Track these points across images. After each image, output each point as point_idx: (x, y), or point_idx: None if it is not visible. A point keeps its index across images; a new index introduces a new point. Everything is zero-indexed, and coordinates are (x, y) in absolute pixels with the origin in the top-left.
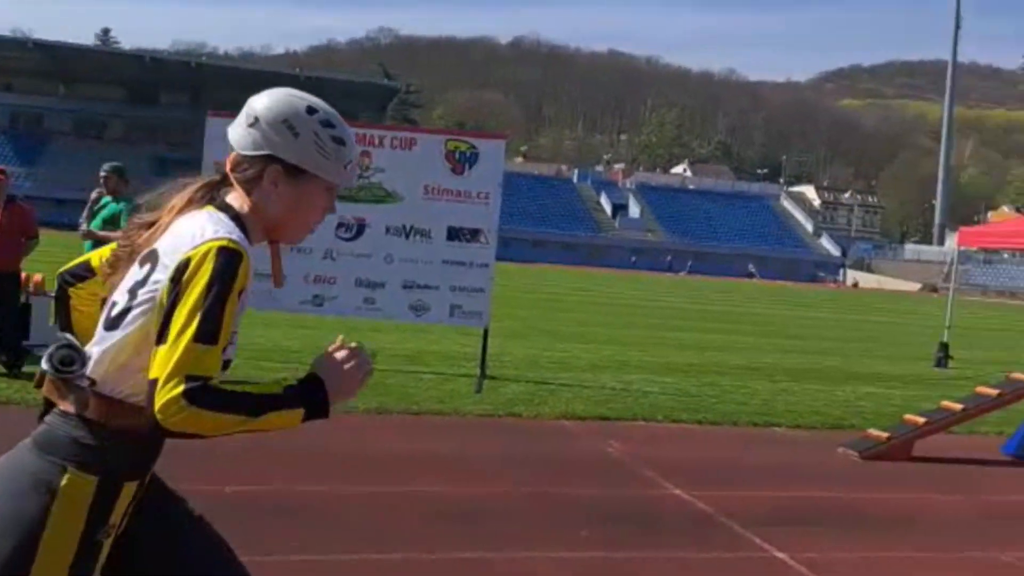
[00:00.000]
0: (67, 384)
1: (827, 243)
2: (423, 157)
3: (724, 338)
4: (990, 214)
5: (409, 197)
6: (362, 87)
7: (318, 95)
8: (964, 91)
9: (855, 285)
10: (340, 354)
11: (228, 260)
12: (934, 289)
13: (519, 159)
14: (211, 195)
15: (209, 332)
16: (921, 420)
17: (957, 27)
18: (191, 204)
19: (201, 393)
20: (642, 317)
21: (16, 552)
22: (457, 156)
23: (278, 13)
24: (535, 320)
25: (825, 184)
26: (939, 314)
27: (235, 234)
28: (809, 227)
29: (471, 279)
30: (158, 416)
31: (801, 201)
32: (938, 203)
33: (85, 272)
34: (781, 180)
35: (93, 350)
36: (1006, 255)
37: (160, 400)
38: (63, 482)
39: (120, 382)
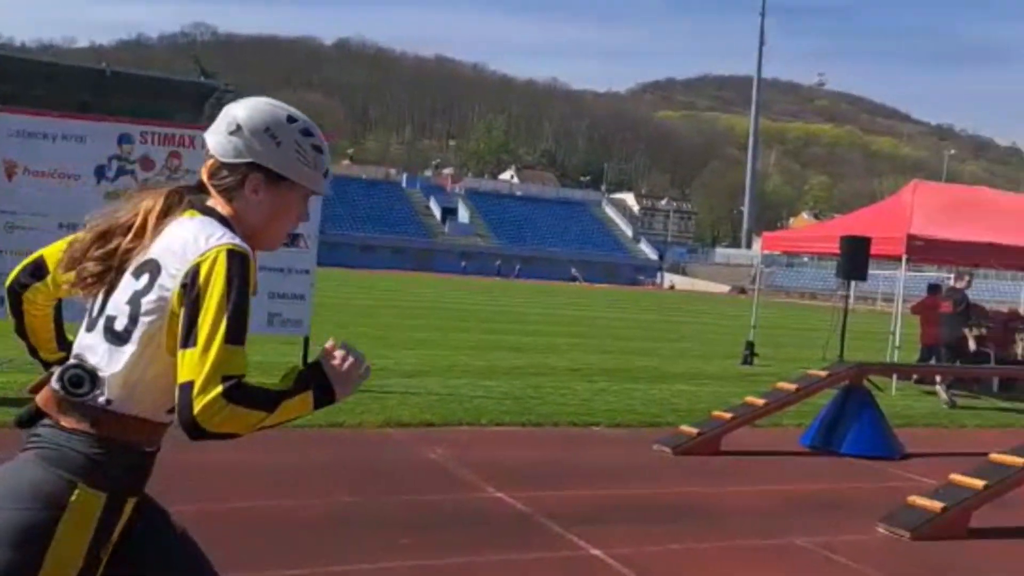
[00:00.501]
0: (73, 403)
1: (646, 247)
2: None
3: (548, 340)
4: (792, 220)
5: None
6: (177, 85)
7: (127, 92)
8: (768, 105)
9: (671, 287)
10: (339, 352)
11: (240, 262)
12: (743, 291)
13: (346, 162)
14: (188, 202)
15: (237, 333)
16: (728, 415)
17: (761, 45)
18: (171, 211)
19: (237, 391)
20: (470, 321)
21: (21, 564)
22: None
23: (81, 3)
24: (361, 326)
25: (644, 191)
26: (747, 315)
27: (237, 239)
28: (629, 232)
29: (290, 285)
30: (198, 419)
31: (622, 207)
32: (746, 210)
33: (36, 273)
34: (603, 187)
35: (104, 370)
36: (806, 259)
37: (200, 403)
38: (73, 497)
39: (136, 399)
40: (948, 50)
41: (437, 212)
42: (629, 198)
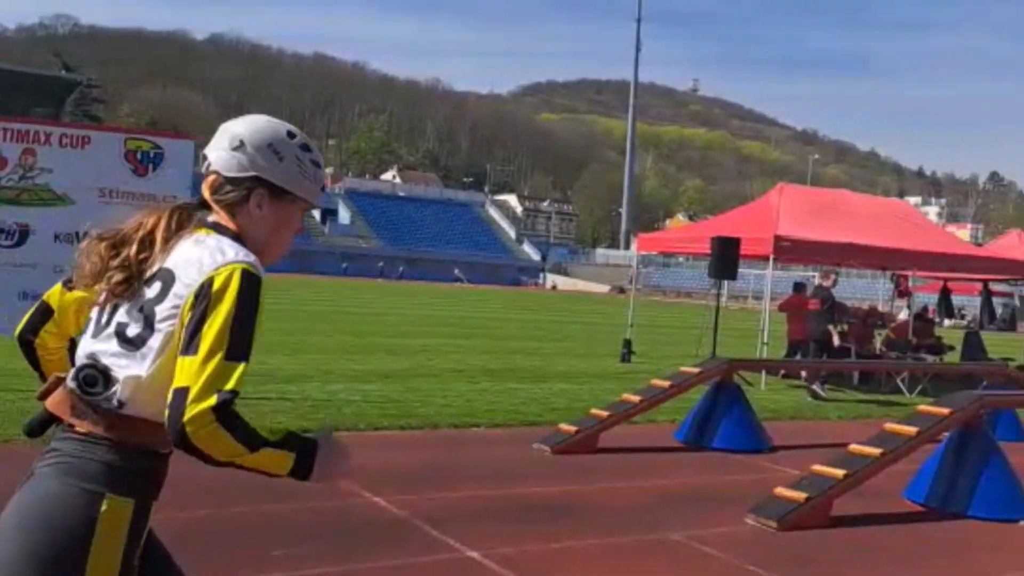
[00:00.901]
0: (88, 404)
1: (529, 248)
2: (99, 156)
3: (431, 342)
4: (668, 221)
5: (82, 200)
6: (35, 79)
7: None
8: (645, 109)
9: (554, 288)
10: (342, 443)
11: (252, 283)
12: (622, 290)
13: None
14: (196, 219)
15: (239, 350)
16: (605, 413)
17: (638, 50)
18: (182, 227)
19: (228, 413)
20: (351, 324)
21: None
22: (139, 156)
23: None
24: None
25: (526, 193)
26: (625, 314)
27: (251, 257)
28: (512, 233)
29: None
30: (187, 427)
31: (505, 208)
32: (624, 211)
33: (42, 318)
34: (486, 188)
35: (119, 372)
36: (681, 259)
37: (192, 411)
38: (103, 508)
39: (148, 401)
40: (811, 59)
41: (316, 213)
42: (512, 199)
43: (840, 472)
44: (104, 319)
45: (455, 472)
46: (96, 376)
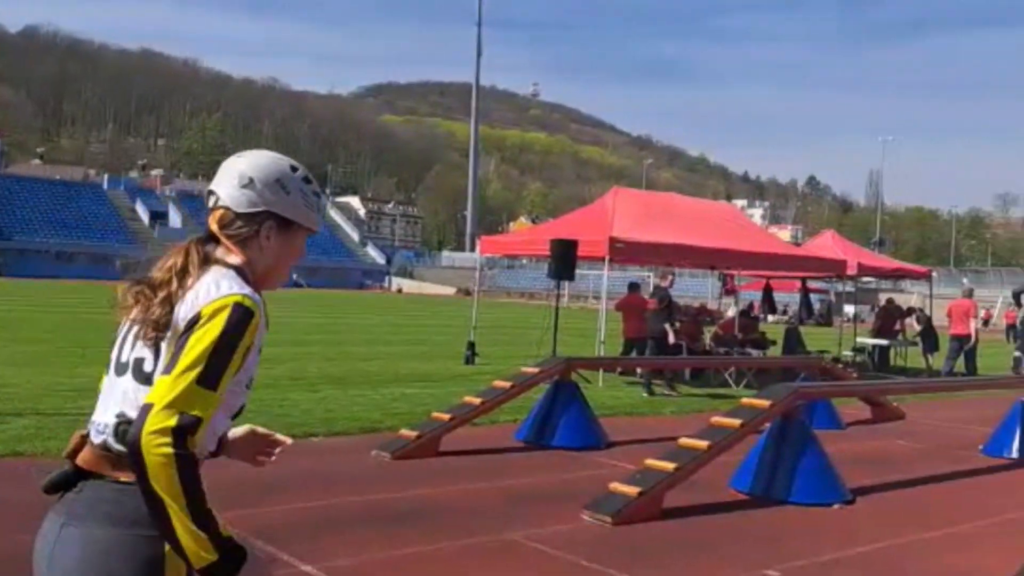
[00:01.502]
0: (122, 457)
1: (373, 251)
2: None
3: (268, 350)
4: (511, 224)
5: None
6: None
7: None
8: (487, 112)
9: (399, 291)
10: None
11: (242, 316)
12: (467, 292)
13: (36, 161)
14: (205, 255)
15: (213, 378)
16: (447, 416)
17: (479, 54)
18: (202, 265)
19: (183, 443)
20: None
21: None
22: None
23: None
24: (56, 343)
25: (370, 195)
26: (470, 316)
27: (248, 290)
28: (356, 236)
29: None
30: (143, 439)
31: (347, 211)
32: (469, 214)
33: None
34: (328, 191)
35: (128, 407)
36: (525, 260)
37: (152, 426)
38: (166, 548)
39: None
40: (646, 67)
41: (145, 216)
42: (355, 201)
43: (671, 465)
44: (124, 355)
45: (291, 484)
46: (127, 428)
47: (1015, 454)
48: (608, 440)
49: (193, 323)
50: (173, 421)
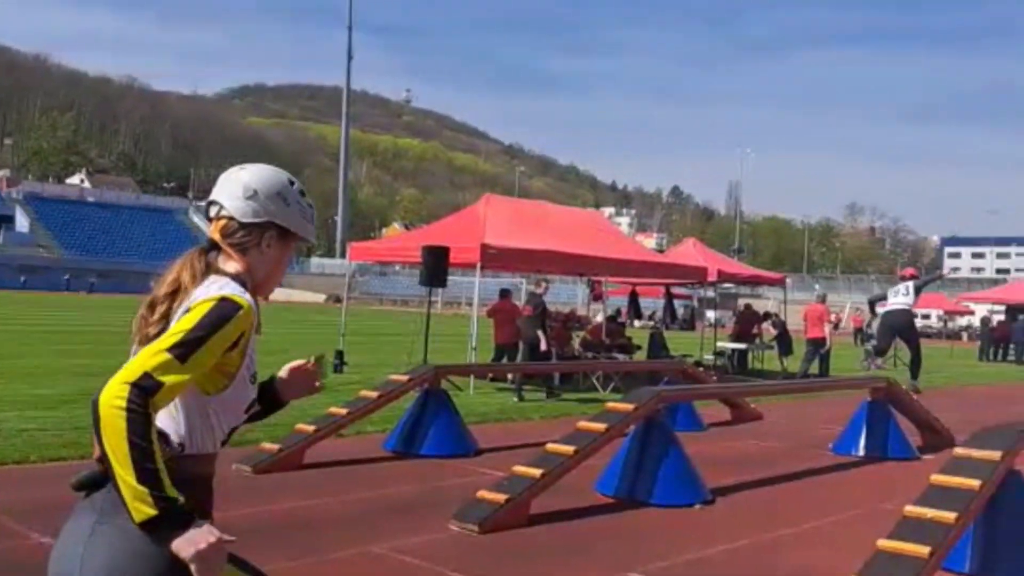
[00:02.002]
0: None
1: None
2: None
3: (116, 361)
4: (384, 230)
5: None
6: None
7: None
8: (359, 117)
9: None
10: (212, 537)
11: (226, 307)
12: (338, 300)
13: None
14: (207, 264)
15: (185, 351)
16: (311, 428)
17: (350, 58)
18: (205, 273)
19: (141, 402)
20: (33, 344)
21: None
22: None
23: None
24: None
25: None
26: (340, 323)
27: (239, 289)
28: None
29: None
30: (103, 393)
31: None
32: (339, 219)
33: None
34: (190, 194)
35: (162, 424)
36: (398, 267)
37: (115, 382)
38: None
39: (195, 438)
40: (519, 76)
41: None
42: None
43: (538, 472)
44: None
45: None
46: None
47: (861, 452)
48: (478, 447)
49: (183, 314)
50: (135, 378)
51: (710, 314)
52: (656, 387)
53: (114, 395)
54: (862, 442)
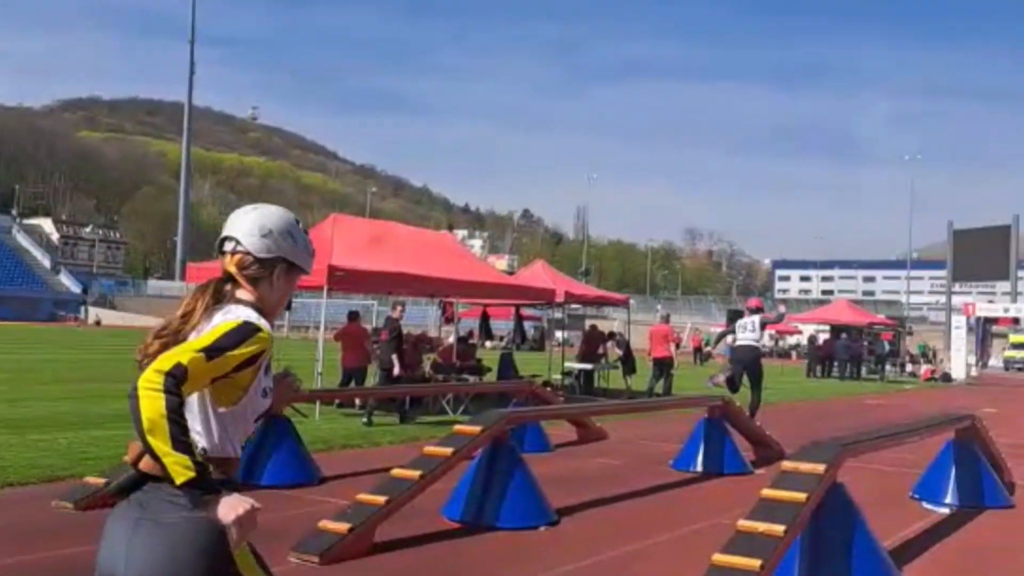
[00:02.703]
0: None
1: (67, 279)
2: None
3: None
4: None
5: None
6: None
7: None
8: (202, 134)
9: (97, 323)
10: (247, 503)
11: (248, 328)
12: None
13: None
14: (223, 293)
15: (210, 353)
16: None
17: (192, 73)
18: (219, 302)
19: (174, 386)
20: None
21: None
22: None
23: None
24: None
25: (64, 217)
26: None
27: (257, 316)
28: (47, 263)
29: None
30: (142, 375)
31: (37, 234)
32: (179, 240)
33: None
34: (14, 212)
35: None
36: None
37: (154, 366)
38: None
39: (219, 443)
40: (370, 96)
41: None
42: (47, 224)
43: (382, 499)
44: None
45: None
46: None
47: (700, 468)
48: (322, 475)
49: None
50: (168, 367)
51: (559, 335)
52: (504, 409)
53: (151, 380)
54: (700, 458)
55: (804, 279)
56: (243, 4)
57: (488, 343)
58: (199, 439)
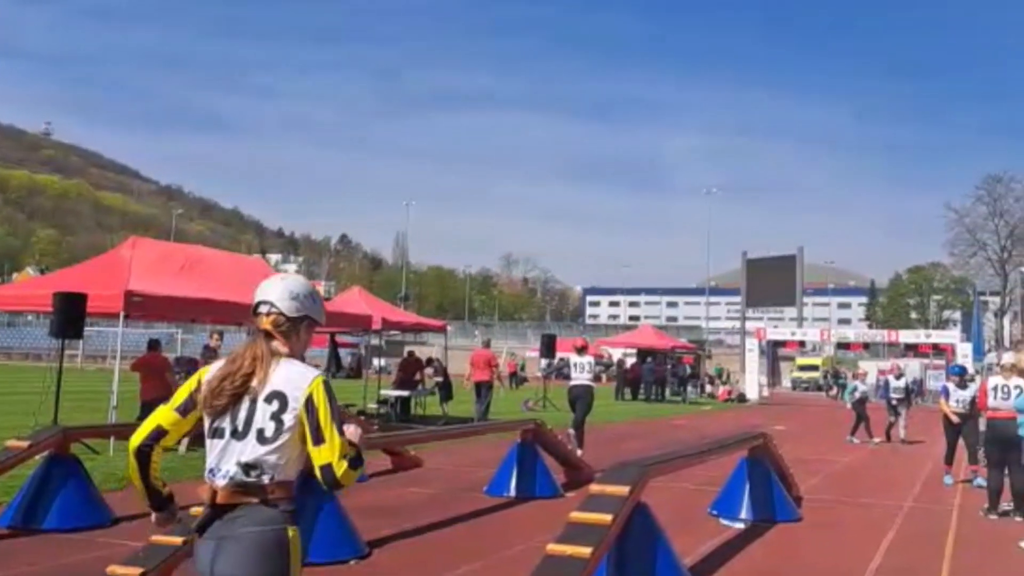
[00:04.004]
0: (254, 486)
1: None
2: None
3: None
4: (15, 275)
5: None
6: None
7: None
8: None
9: None
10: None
11: (328, 386)
12: None
13: None
14: (271, 348)
15: (340, 428)
16: None
17: None
18: (272, 356)
19: (352, 461)
20: None
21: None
22: None
23: None
24: None
25: None
26: None
27: (319, 371)
28: None
29: None
30: (341, 481)
31: None
32: None
33: (157, 437)
34: None
35: (264, 460)
36: (31, 317)
37: (339, 472)
38: (290, 535)
39: (284, 471)
40: (175, 114)
41: None
42: None
43: (179, 540)
44: (229, 426)
45: None
46: (254, 469)
47: (513, 492)
48: (114, 516)
49: (308, 401)
50: (346, 463)
51: (376, 362)
52: None
53: (348, 478)
54: (513, 483)
55: (613, 304)
56: (35, 15)
57: None
58: (282, 474)
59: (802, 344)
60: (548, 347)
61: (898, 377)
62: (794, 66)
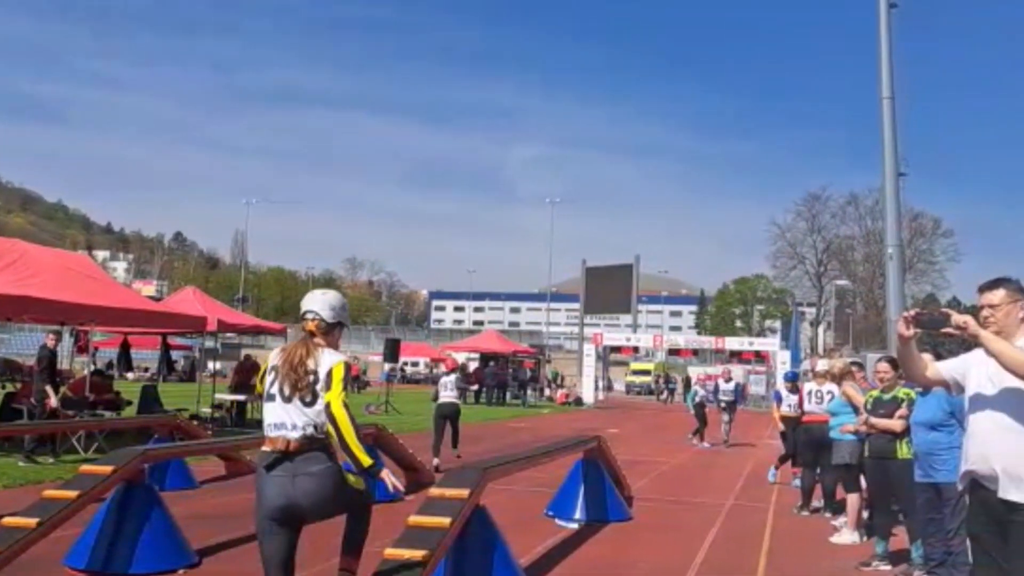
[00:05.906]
0: (310, 438)
1: None
2: None
3: None
4: None
5: None
6: None
7: None
8: None
9: None
10: (393, 478)
11: (348, 366)
12: None
13: None
14: (315, 343)
15: (346, 385)
16: None
17: None
18: (317, 348)
19: (348, 407)
20: None
21: (356, 495)
22: None
23: None
24: None
25: None
26: None
27: (344, 355)
28: None
29: None
30: (334, 410)
31: None
32: None
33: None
34: None
35: (309, 419)
36: None
37: (335, 404)
38: (341, 465)
39: (321, 425)
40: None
41: None
42: None
43: None
44: (284, 394)
45: None
46: (315, 427)
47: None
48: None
49: (329, 372)
50: (341, 398)
51: (211, 365)
52: (141, 446)
53: (338, 409)
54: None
55: (458, 309)
56: None
57: (130, 374)
58: (321, 428)
59: (636, 350)
60: (392, 351)
61: (727, 381)
62: (634, 84)
